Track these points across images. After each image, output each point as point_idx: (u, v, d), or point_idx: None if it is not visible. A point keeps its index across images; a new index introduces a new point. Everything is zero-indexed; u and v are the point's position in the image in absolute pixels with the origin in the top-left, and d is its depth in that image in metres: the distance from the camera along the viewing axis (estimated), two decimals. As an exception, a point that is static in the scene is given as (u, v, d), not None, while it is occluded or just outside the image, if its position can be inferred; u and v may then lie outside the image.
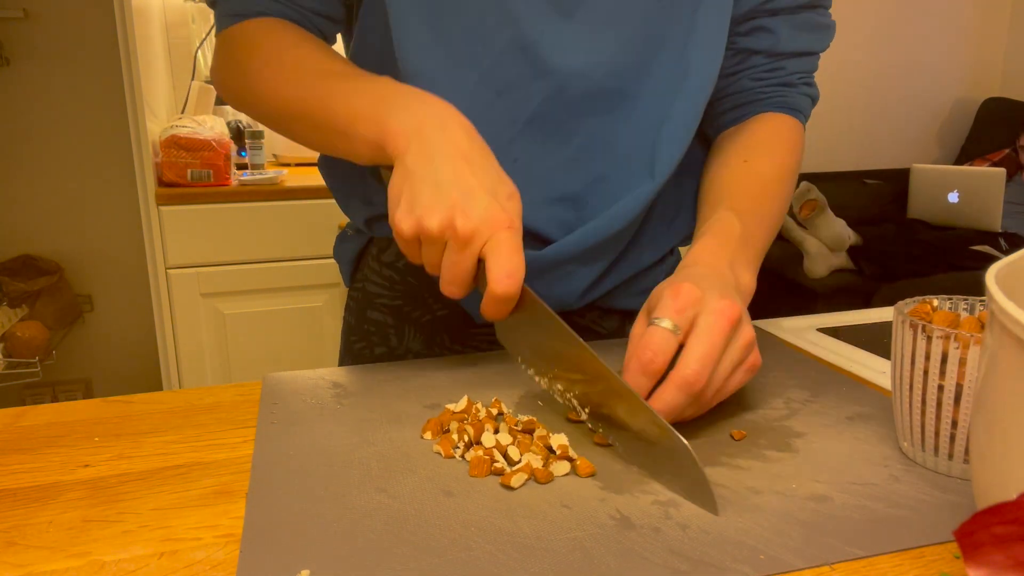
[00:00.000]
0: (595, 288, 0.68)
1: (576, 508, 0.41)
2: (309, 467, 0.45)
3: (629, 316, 0.74)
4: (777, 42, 0.66)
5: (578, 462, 0.44)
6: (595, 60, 0.61)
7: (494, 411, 0.50)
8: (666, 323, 0.47)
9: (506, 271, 0.47)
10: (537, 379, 0.52)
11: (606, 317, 0.73)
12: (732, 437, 0.49)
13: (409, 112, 0.51)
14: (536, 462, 0.44)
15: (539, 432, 0.47)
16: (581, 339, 0.47)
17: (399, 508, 0.41)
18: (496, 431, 0.47)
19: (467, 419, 0.49)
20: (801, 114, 0.70)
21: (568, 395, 0.50)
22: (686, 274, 0.52)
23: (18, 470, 0.46)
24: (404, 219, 0.49)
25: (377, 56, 0.65)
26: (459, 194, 0.48)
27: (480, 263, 0.49)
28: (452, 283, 0.50)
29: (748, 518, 0.40)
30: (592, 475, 0.44)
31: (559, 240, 0.64)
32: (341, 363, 0.79)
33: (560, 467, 0.44)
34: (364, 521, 0.39)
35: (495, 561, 0.36)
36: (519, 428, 0.48)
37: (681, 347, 0.47)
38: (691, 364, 0.45)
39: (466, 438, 0.46)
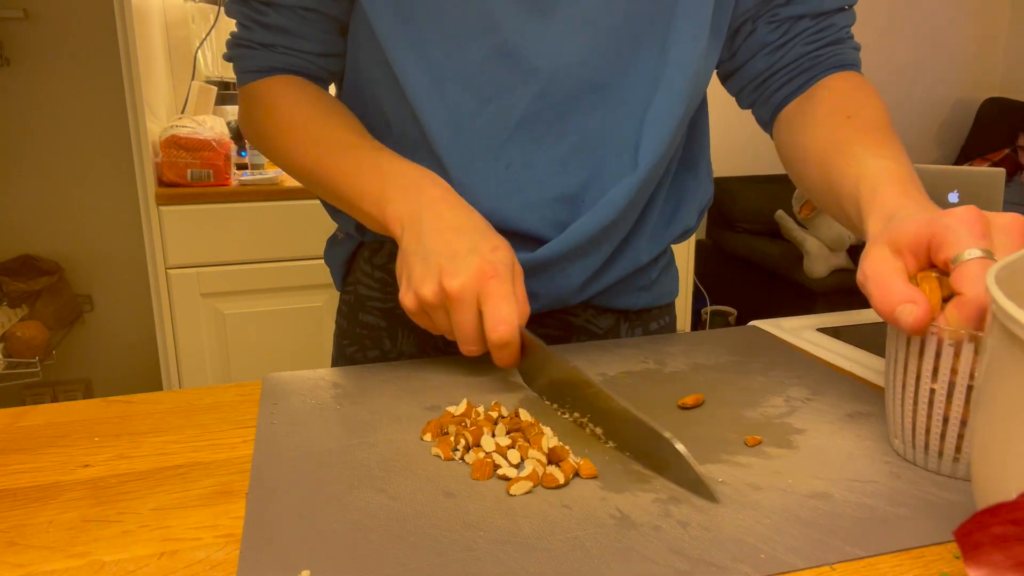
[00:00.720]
0: (594, 282, 0.68)
1: (576, 507, 0.41)
2: (309, 467, 0.45)
3: (624, 315, 0.74)
4: (822, 2, 0.66)
5: (581, 463, 0.44)
6: (577, 57, 0.61)
7: (493, 414, 0.50)
8: (976, 252, 0.40)
9: (497, 319, 0.51)
10: (561, 413, 0.53)
11: (601, 316, 0.73)
12: (746, 444, 0.48)
13: (404, 198, 0.57)
14: (539, 467, 0.44)
15: (538, 433, 0.47)
16: (587, 375, 0.49)
17: (399, 509, 0.41)
18: (494, 434, 0.47)
19: (467, 423, 0.49)
20: (857, 68, 0.69)
21: (585, 423, 0.50)
22: (925, 216, 0.44)
23: (18, 470, 0.46)
24: (405, 295, 0.55)
25: (376, 71, 0.67)
26: (445, 260, 0.52)
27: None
28: (465, 341, 0.53)
29: (749, 515, 0.40)
30: (594, 477, 0.44)
31: (552, 239, 0.64)
32: (334, 367, 0.79)
33: (564, 470, 0.44)
34: (365, 522, 0.39)
35: (496, 561, 0.36)
36: (518, 431, 0.48)
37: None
38: None
39: (463, 441, 0.46)
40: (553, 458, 0.45)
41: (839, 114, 0.62)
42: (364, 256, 0.74)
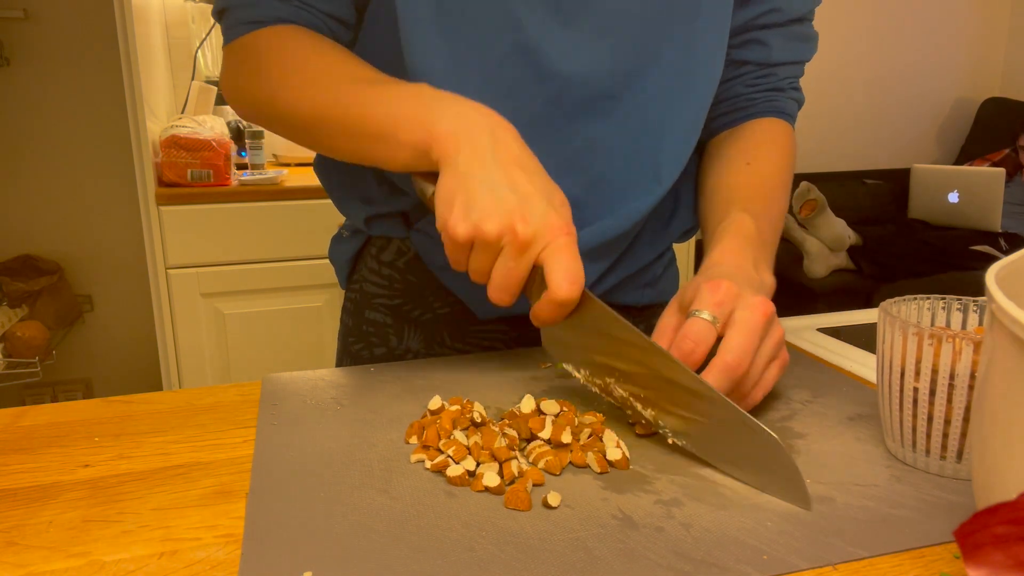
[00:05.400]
0: (599, 285, 0.69)
1: (579, 508, 0.41)
2: (310, 468, 0.45)
3: (629, 312, 0.74)
4: (770, 53, 0.70)
5: (528, 470, 0.44)
6: (594, 67, 0.62)
7: (478, 417, 0.49)
8: (706, 315, 0.49)
9: (569, 276, 0.47)
10: (590, 385, 0.52)
11: None
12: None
13: (457, 116, 0.51)
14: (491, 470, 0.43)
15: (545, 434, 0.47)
16: (645, 335, 0.48)
17: (401, 509, 0.41)
18: (451, 435, 0.46)
19: (439, 421, 0.48)
20: (790, 118, 0.73)
21: (628, 399, 0.50)
22: (719, 271, 0.54)
23: (18, 470, 0.46)
24: (460, 223, 0.48)
25: (382, 62, 0.64)
26: (517, 199, 0.48)
27: (533, 269, 0.49)
28: (504, 289, 0.49)
29: (751, 517, 0.40)
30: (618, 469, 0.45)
31: None
32: (339, 365, 0.79)
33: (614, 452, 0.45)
34: (366, 522, 0.39)
35: (497, 561, 0.36)
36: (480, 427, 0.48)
37: (719, 340, 0.49)
38: (732, 350, 0.48)
39: (473, 460, 0.45)
40: (498, 457, 0.44)
41: (743, 159, 0.68)
42: (371, 253, 0.74)
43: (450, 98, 0.53)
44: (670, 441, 0.47)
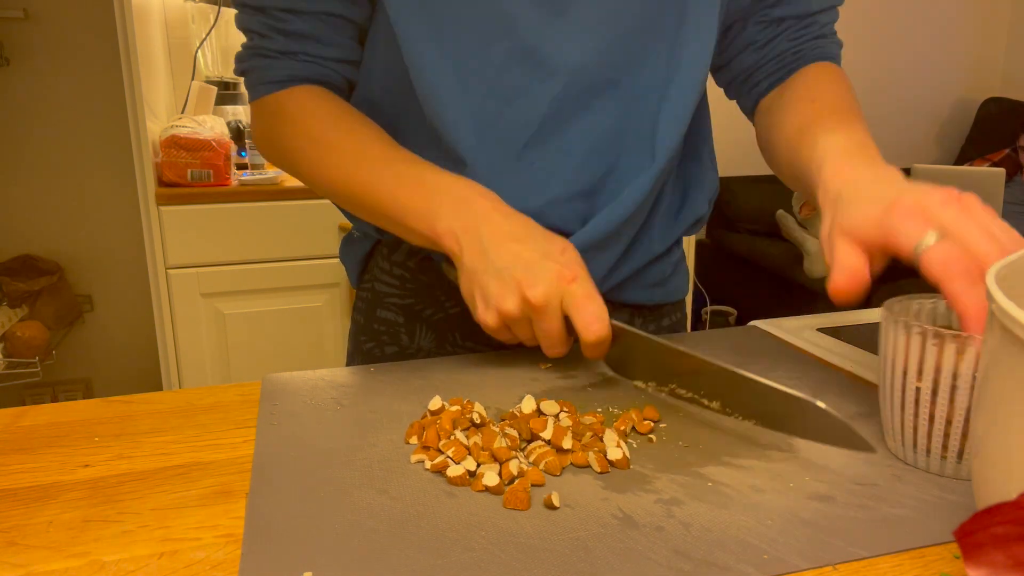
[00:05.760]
0: (610, 277, 0.69)
1: (578, 507, 0.41)
2: (310, 468, 0.45)
3: (637, 309, 0.74)
4: (809, 3, 0.70)
5: (528, 471, 0.44)
6: (593, 56, 0.62)
7: (476, 418, 0.49)
8: (931, 237, 0.44)
9: (591, 319, 0.52)
10: (659, 393, 0.55)
11: (616, 311, 0.73)
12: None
13: (455, 213, 0.57)
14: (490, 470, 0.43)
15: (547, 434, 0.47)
16: (683, 348, 0.52)
17: (401, 509, 0.41)
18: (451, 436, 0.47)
19: (439, 422, 0.48)
20: (838, 59, 0.73)
21: (694, 397, 0.53)
22: (872, 211, 0.47)
23: (18, 470, 0.46)
24: (486, 314, 0.54)
25: (391, 81, 0.66)
26: (521, 272, 0.53)
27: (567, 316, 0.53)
28: (552, 346, 0.54)
29: (751, 517, 0.40)
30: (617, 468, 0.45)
31: (574, 233, 0.65)
32: (350, 363, 0.79)
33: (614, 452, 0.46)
34: (366, 522, 0.39)
35: (497, 561, 0.36)
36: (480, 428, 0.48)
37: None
38: (981, 245, 0.42)
39: (474, 461, 0.45)
40: (499, 457, 0.44)
41: (804, 100, 0.66)
42: (382, 254, 0.74)
43: (446, 185, 0.59)
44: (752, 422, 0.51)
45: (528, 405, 0.49)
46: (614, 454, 0.45)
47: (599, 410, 0.53)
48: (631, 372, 0.57)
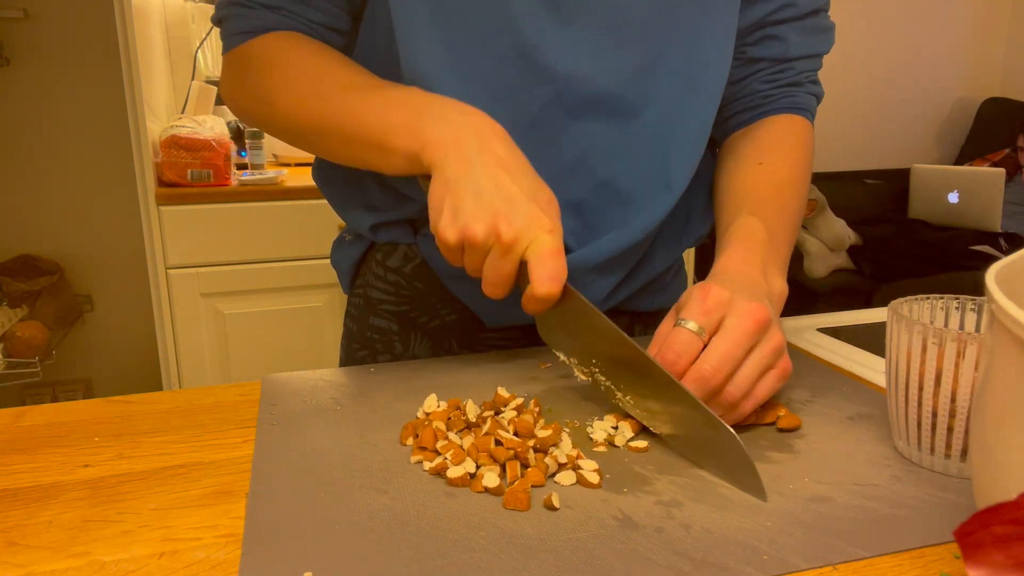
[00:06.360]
0: (612, 298, 0.68)
1: (579, 509, 0.41)
2: (310, 468, 0.45)
3: (638, 317, 0.74)
4: (787, 48, 0.68)
5: (584, 471, 0.44)
6: (595, 67, 0.61)
7: (472, 417, 0.49)
8: (691, 324, 0.48)
9: (549, 274, 0.49)
10: (578, 372, 0.53)
11: (615, 317, 0.73)
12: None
13: (446, 123, 0.53)
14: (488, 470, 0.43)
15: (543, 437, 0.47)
16: (622, 331, 0.49)
17: (401, 510, 0.41)
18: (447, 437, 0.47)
19: (431, 423, 0.48)
20: (808, 112, 0.71)
21: (611, 386, 0.51)
22: (717, 279, 0.53)
23: (18, 470, 0.46)
24: (448, 228, 0.50)
25: (380, 66, 0.64)
26: (501, 201, 0.49)
27: (522, 264, 0.50)
28: (496, 285, 0.51)
29: (751, 518, 0.40)
30: (598, 485, 0.43)
31: (575, 251, 0.64)
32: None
33: (566, 477, 0.44)
34: (366, 523, 0.39)
35: (497, 562, 0.36)
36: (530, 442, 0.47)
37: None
38: (709, 360, 0.47)
39: (471, 464, 0.44)
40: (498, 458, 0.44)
41: (755, 158, 0.66)
42: (376, 259, 0.73)
43: (438, 102, 0.55)
44: (653, 430, 0.49)
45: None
46: (592, 478, 0.44)
47: (576, 423, 0.52)
48: (559, 343, 0.54)
